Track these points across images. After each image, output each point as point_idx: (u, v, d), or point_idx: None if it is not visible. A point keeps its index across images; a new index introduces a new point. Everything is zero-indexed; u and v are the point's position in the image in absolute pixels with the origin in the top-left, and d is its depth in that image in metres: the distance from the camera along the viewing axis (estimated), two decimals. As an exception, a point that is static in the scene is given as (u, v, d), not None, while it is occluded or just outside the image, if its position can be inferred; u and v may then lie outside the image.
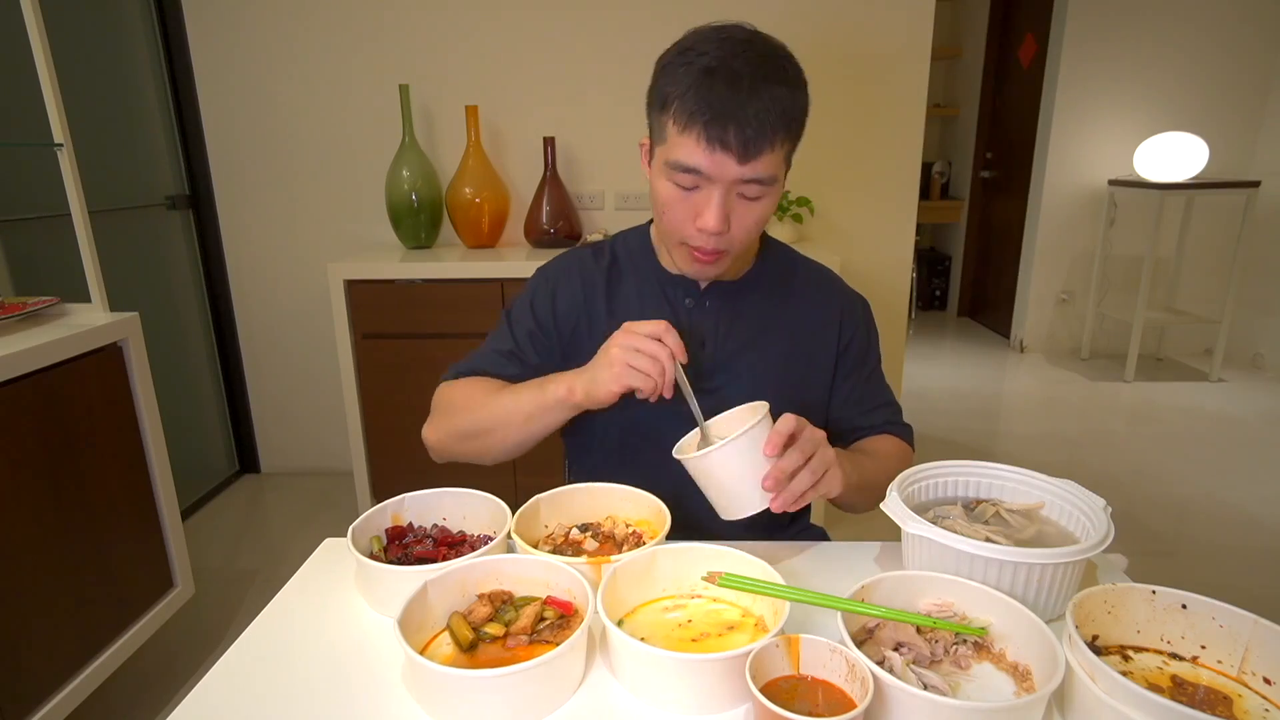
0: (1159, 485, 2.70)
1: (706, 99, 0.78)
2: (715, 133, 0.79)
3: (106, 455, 1.53)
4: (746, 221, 0.86)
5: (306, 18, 2.45)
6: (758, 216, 0.86)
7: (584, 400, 0.85)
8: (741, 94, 0.78)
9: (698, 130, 0.79)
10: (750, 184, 0.82)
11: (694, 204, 0.84)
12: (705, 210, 0.83)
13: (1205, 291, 3.98)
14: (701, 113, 0.79)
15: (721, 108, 0.78)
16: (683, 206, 0.85)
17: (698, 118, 0.79)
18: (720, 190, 0.82)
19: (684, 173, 0.82)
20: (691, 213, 0.85)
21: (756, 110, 0.78)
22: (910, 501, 0.81)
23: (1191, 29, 3.75)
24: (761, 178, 0.82)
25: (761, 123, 0.79)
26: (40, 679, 1.36)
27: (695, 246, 0.87)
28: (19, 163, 2.00)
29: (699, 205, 0.84)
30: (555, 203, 2.40)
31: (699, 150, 0.80)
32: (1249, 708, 0.59)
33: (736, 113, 0.78)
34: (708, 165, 0.80)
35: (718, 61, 0.79)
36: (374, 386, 2.30)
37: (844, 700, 0.57)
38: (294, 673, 0.67)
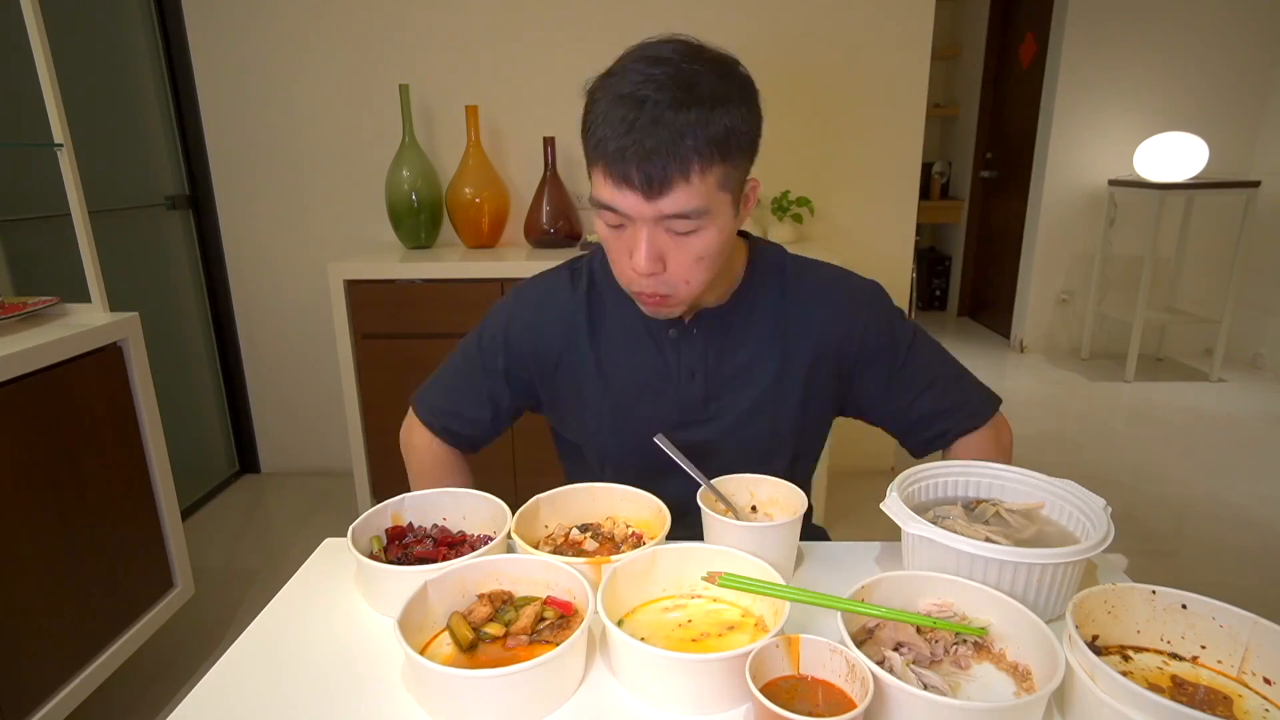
0: (1159, 485, 2.69)
1: (609, 132, 0.73)
2: (618, 169, 0.73)
3: (106, 455, 1.53)
4: (683, 259, 0.78)
5: (307, 18, 2.45)
6: (697, 252, 0.78)
7: None
8: (642, 124, 0.71)
9: (603, 166, 0.75)
10: (674, 219, 0.75)
11: (626, 243, 0.79)
12: (634, 249, 0.77)
13: (1205, 291, 3.98)
14: (604, 147, 0.74)
15: (620, 141, 0.72)
16: (617, 246, 0.80)
17: (602, 152, 0.74)
18: (645, 228, 0.76)
19: (605, 210, 0.77)
20: (626, 252, 0.79)
21: (658, 142, 0.71)
22: (910, 501, 0.81)
23: (1192, 29, 3.75)
24: (684, 212, 0.74)
25: (667, 155, 0.71)
26: (40, 679, 1.36)
27: (637, 291, 0.82)
28: (19, 163, 2.00)
29: (629, 244, 0.78)
30: (555, 203, 2.40)
31: (608, 187, 0.75)
32: (1249, 708, 0.59)
33: (636, 146, 0.71)
34: (620, 203, 0.75)
35: (630, 87, 0.73)
36: (374, 386, 2.30)
37: (844, 700, 0.57)
38: (294, 673, 0.67)
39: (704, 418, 0.93)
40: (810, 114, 2.49)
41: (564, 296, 0.96)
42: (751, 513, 0.85)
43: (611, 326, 0.94)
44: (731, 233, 0.82)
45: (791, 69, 2.46)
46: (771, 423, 0.94)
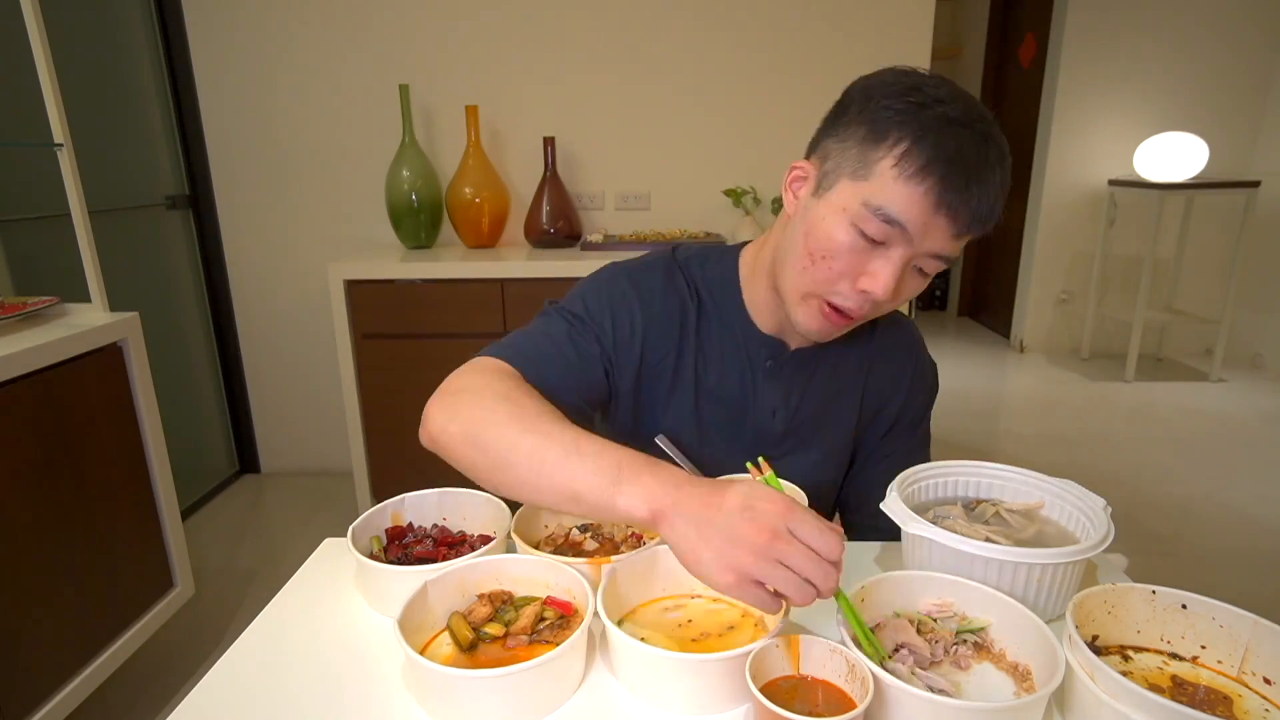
0: (1159, 485, 2.70)
1: (950, 153, 0.68)
2: (950, 195, 0.68)
3: (106, 455, 1.53)
4: (906, 294, 0.76)
5: (306, 18, 2.45)
6: (912, 291, 0.77)
7: None
8: (989, 162, 0.69)
9: (930, 184, 0.68)
10: (938, 260, 0.74)
11: (865, 261, 0.73)
12: (880, 272, 0.72)
13: (1205, 291, 3.98)
14: (939, 166, 0.68)
15: (966, 170, 0.68)
16: (850, 259, 0.73)
17: (934, 169, 0.68)
18: (907, 255, 0.72)
19: (884, 223, 0.70)
20: (856, 269, 0.73)
21: (996, 184, 0.70)
22: (910, 501, 0.81)
23: (1192, 29, 3.75)
24: (953, 256, 0.74)
25: (996, 200, 0.71)
26: (40, 679, 1.36)
27: (837, 305, 0.76)
28: (19, 163, 2.00)
29: (871, 264, 0.73)
30: (555, 203, 2.41)
31: (920, 205, 0.69)
32: (1249, 708, 0.59)
33: (982, 180, 0.69)
34: (919, 225, 0.70)
35: (962, 115, 0.69)
36: (374, 386, 2.30)
37: (844, 700, 0.57)
38: (294, 673, 0.67)
39: (777, 455, 0.90)
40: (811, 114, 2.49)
41: (675, 291, 0.89)
42: None
43: (712, 338, 0.90)
44: None
45: (792, 69, 2.46)
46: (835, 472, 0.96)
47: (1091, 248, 4.05)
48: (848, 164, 0.73)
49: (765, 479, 0.65)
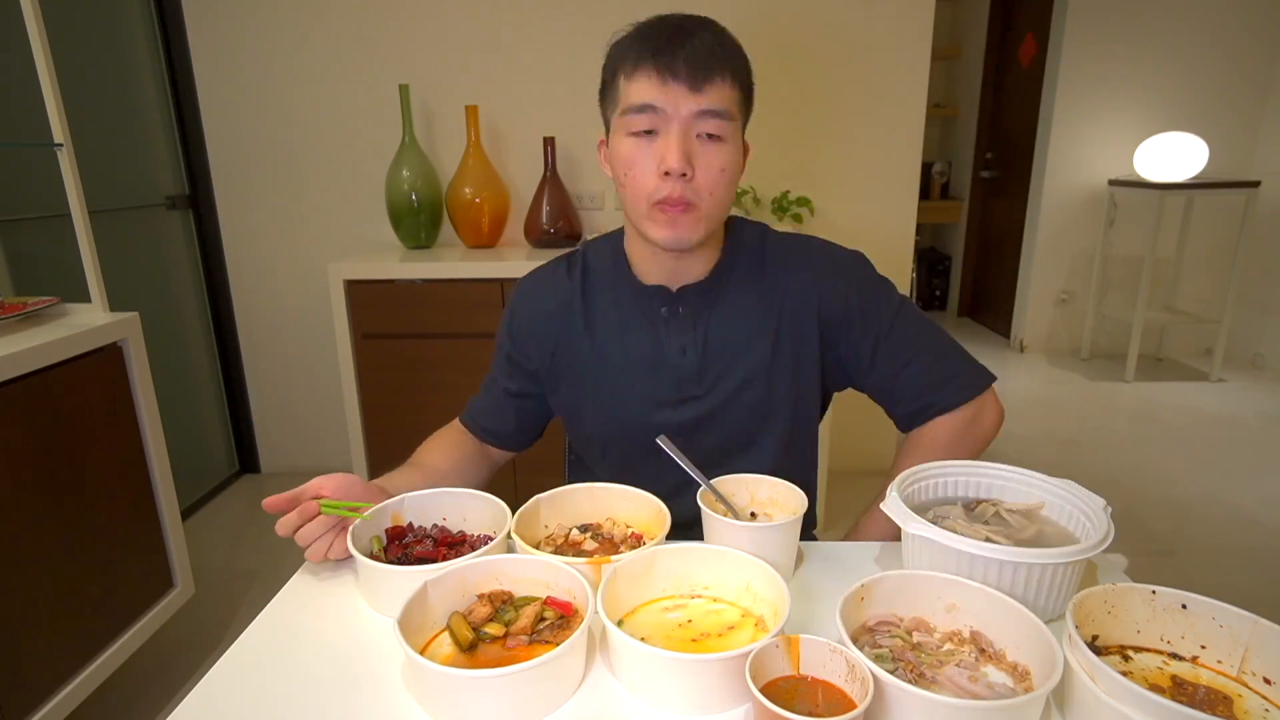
0: (1159, 485, 2.70)
1: (651, 42, 0.82)
2: (664, 62, 0.81)
3: (106, 455, 1.53)
4: (711, 166, 0.84)
5: (307, 18, 2.45)
6: (721, 163, 0.85)
7: None
8: (682, 33, 0.82)
9: (647, 67, 0.82)
10: (707, 118, 0.83)
11: (655, 152, 0.84)
12: (666, 150, 0.83)
13: (1205, 291, 3.98)
14: (647, 51, 0.82)
15: (665, 43, 0.81)
16: (643, 159, 0.85)
17: (645, 56, 0.82)
18: (678, 126, 0.82)
19: (639, 113, 0.83)
20: (654, 163, 0.84)
21: (699, 44, 0.81)
22: (910, 501, 0.81)
23: (1192, 29, 3.75)
24: (717, 109, 0.82)
25: (708, 54, 0.81)
26: (40, 679, 1.36)
27: (661, 199, 0.85)
28: (19, 163, 2.00)
29: (660, 151, 0.83)
30: (555, 203, 2.41)
31: (651, 85, 0.82)
32: (1249, 708, 0.59)
33: (682, 45, 0.81)
34: (661, 98, 0.82)
35: (657, 20, 0.85)
36: (374, 386, 2.30)
37: (844, 700, 0.57)
38: (294, 673, 0.67)
39: (700, 392, 0.96)
40: (810, 114, 2.50)
41: (560, 284, 1.01)
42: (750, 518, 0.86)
43: (605, 310, 0.99)
44: (740, 165, 0.89)
45: (791, 69, 2.46)
46: (766, 390, 0.97)
47: (1091, 248, 4.05)
48: (608, 107, 0.89)
49: None
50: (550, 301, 1.01)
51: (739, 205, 2.50)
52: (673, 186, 0.84)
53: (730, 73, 0.84)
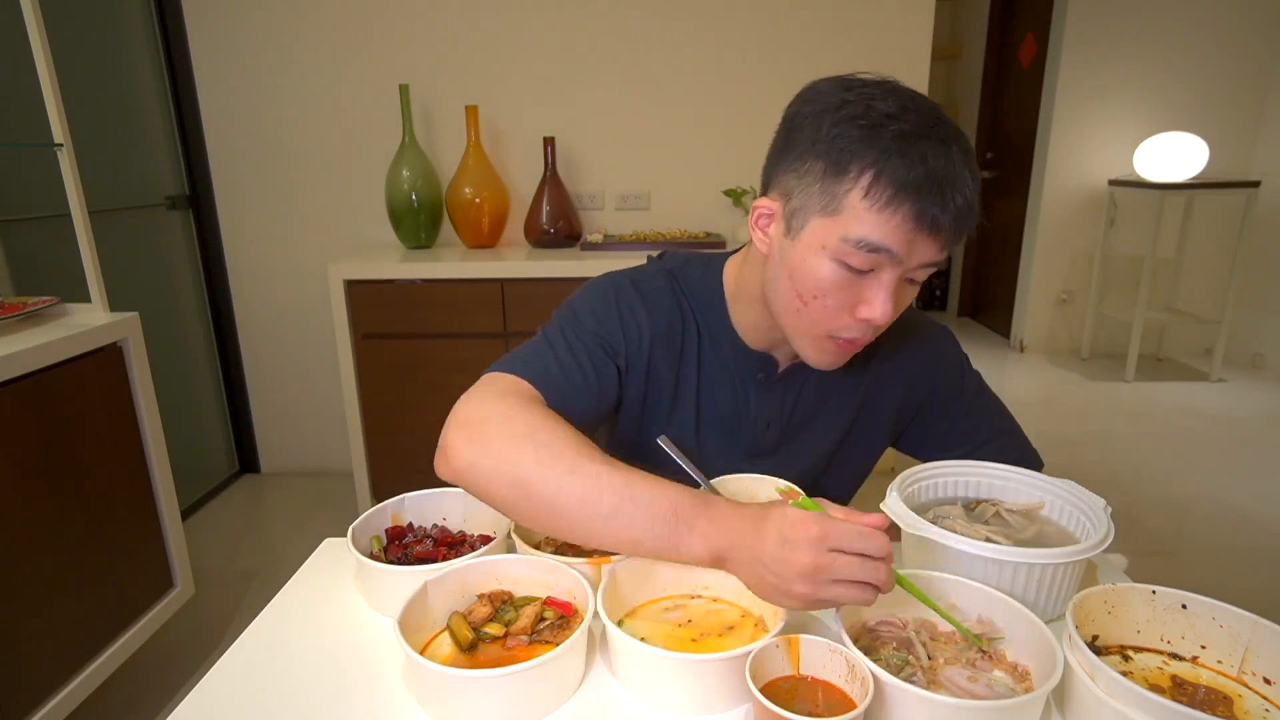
0: (1159, 485, 2.69)
1: (919, 175, 0.66)
2: (929, 215, 0.67)
3: (106, 455, 1.53)
4: (902, 306, 0.75)
5: (307, 17, 2.45)
6: (911, 300, 0.76)
7: None
8: (955, 167, 0.67)
9: (906, 209, 0.67)
10: (928, 268, 0.72)
11: (857, 290, 0.72)
12: (875, 298, 0.71)
13: (1205, 291, 3.98)
14: (910, 190, 0.66)
15: (938, 185, 0.66)
16: (842, 294, 0.72)
17: (906, 194, 0.66)
18: (896, 275, 0.70)
19: (869, 253, 0.69)
20: (851, 300, 0.72)
21: (968, 185, 0.68)
22: (910, 501, 0.81)
23: (1192, 29, 3.75)
24: (941, 262, 0.72)
25: (972, 199, 0.68)
26: (40, 679, 1.36)
27: (846, 339, 0.75)
28: (19, 163, 2.00)
29: (864, 292, 0.72)
30: (555, 203, 2.40)
31: (900, 231, 0.67)
32: (1249, 708, 0.59)
33: (956, 188, 0.67)
34: (905, 249, 0.68)
35: (918, 126, 0.67)
36: (374, 386, 2.30)
37: (844, 700, 0.57)
38: (294, 673, 0.67)
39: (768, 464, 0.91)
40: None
41: (670, 306, 0.88)
42: None
43: (705, 352, 0.89)
44: None
45: (791, 69, 2.46)
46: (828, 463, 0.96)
47: (1091, 248, 4.05)
48: (814, 201, 0.71)
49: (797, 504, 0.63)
50: (666, 316, 0.87)
51: (739, 205, 2.50)
52: (864, 330, 0.74)
53: None
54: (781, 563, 0.59)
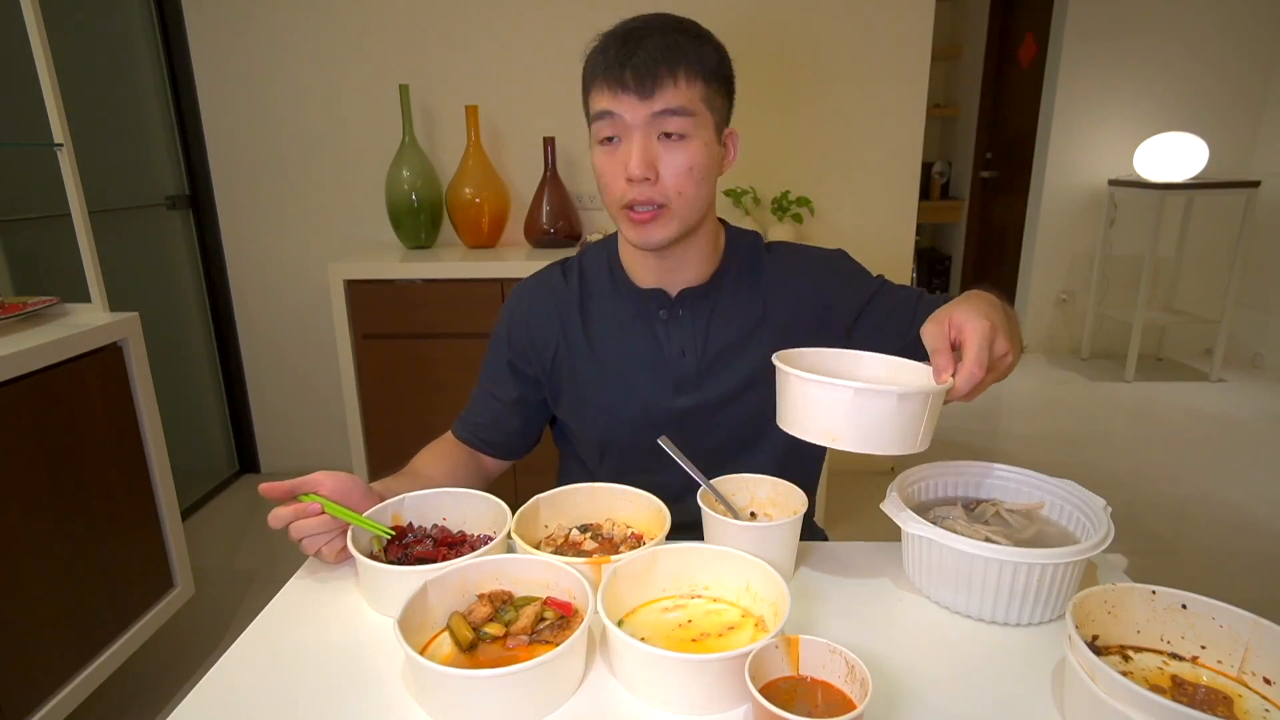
0: (1159, 485, 2.69)
1: (603, 53, 0.85)
2: (614, 75, 0.83)
3: (106, 455, 1.53)
4: (675, 167, 0.85)
5: (307, 18, 2.45)
6: (686, 162, 0.85)
7: None
8: (634, 40, 0.83)
9: (600, 79, 0.85)
10: (665, 117, 0.83)
11: (620, 159, 0.86)
12: (628, 157, 0.84)
13: (1205, 291, 3.98)
14: (600, 62, 0.85)
15: (615, 54, 0.83)
16: (611, 166, 0.87)
17: (598, 67, 0.85)
18: (638, 133, 0.84)
19: (600, 120, 0.86)
20: (621, 169, 0.86)
21: (650, 50, 0.82)
22: (910, 501, 0.81)
23: (1191, 29, 3.75)
24: (674, 108, 0.83)
25: (655, 59, 0.82)
26: (40, 679, 1.36)
27: (628, 204, 0.87)
28: (19, 163, 2.00)
29: (624, 158, 0.85)
30: (555, 203, 2.41)
31: (605, 95, 0.84)
32: (1249, 708, 0.59)
33: (630, 54, 0.82)
34: (615, 106, 0.84)
35: (618, 27, 0.86)
36: (374, 386, 2.30)
37: (843, 701, 0.57)
38: (294, 673, 0.67)
39: (699, 394, 0.97)
40: (810, 114, 2.49)
41: (557, 288, 1.02)
42: (750, 518, 0.86)
43: (603, 313, 0.99)
44: (715, 160, 0.90)
45: (791, 69, 2.46)
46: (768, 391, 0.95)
47: (1091, 248, 4.05)
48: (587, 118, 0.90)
49: None
50: (547, 305, 1.01)
51: (739, 205, 2.50)
52: (639, 190, 0.85)
53: (685, 71, 0.83)
54: None
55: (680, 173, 0.86)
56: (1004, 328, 0.74)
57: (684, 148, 0.85)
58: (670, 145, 0.85)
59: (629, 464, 0.98)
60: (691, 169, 0.86)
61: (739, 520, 0.78)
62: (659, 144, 0.85)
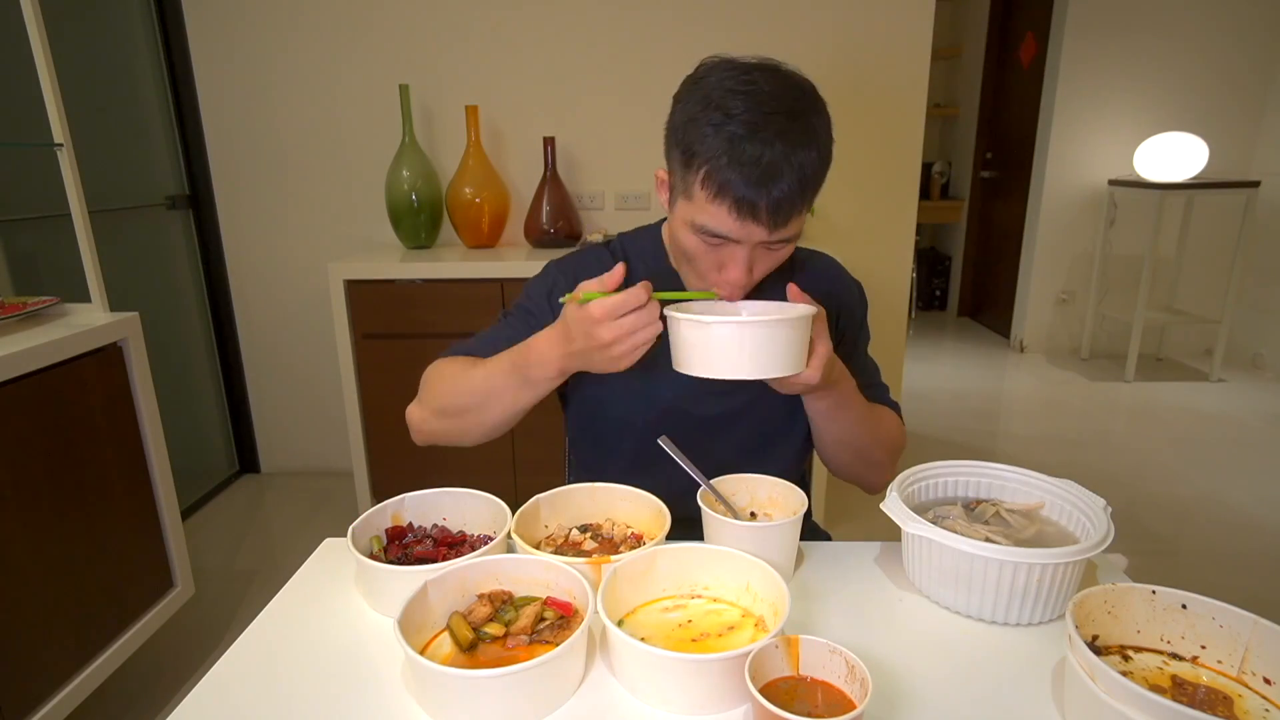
0: (1159, 485, 2.69)
1: (738, 173, 0.77)
2: (746, 208, 0.78)
3: (106, 455, 1.53)
4: (768, 266, 0.87)
5: (307, 18, 2.45)
6: (780, 260, 0.87)
7: None
8: (775, 167, 0.77)
9: (729, 203, 0.78)
10: (776, 243, 0.84)
11: (720, 257, 0.85)
12: (730, 265, 0.84)
13: (1205, 291, 3.98)
14: (733, 187, 0.77)
15: (753, 183, 0.77)
16: (709, 258, 0.86)
17: (728, 192, 0.78)
18: (747, 249, 0.83)
19: (712, 236, 0.82)
20: (717, 262, 0.86)
21: (787, 183, 0.78)
22: (910, 501, 0.81)
23: (1191, 29, 3.75)
24: (787, 238, 0.83)
25: (791, 195, 0.78)
26: (40, 679, 1.36)
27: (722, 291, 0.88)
28: (19, 163, 2.00)
29: (725, 258, 0.84)
30: (555, 203, 2.40)
31: (729, 221, 0.80)
32: (1249, 708, 0.59)
33: (769, 187, 0.77)
34: (737, 233, 0.81)
35: (747, 129, 0.77)
36: (374, 386, 2.30)
37: (843, 701, 0.57)
38: (294, 673, 0.67)
39: (729, 386, 0.94)
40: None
41: (604, 266, 0.98)
42: (750, 518, 0.86)
43: None
44: None
45: (791, 69, 2.46)
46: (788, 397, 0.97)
47: (1091, 248, 4.05)
48: (678, 183, 0.85)
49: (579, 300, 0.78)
50: (594, 276, 0.98)
51: (739, 205, 2.50)
52: (732, 289, 0.86)
53: (809, 201, 0.82)
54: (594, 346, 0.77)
55: (770, 269, 0.88)
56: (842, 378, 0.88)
57: (783, 252, 0.86)
58: (769, 253, 0.85)
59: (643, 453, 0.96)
60: (779, 263, 0.88)
61: (739, 520, 0.78)
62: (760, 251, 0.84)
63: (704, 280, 0.89)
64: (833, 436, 0.96)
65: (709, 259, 0.86)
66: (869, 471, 1.01)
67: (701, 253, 0.85)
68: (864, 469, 1.01)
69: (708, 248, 0.84)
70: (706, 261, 0.86)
